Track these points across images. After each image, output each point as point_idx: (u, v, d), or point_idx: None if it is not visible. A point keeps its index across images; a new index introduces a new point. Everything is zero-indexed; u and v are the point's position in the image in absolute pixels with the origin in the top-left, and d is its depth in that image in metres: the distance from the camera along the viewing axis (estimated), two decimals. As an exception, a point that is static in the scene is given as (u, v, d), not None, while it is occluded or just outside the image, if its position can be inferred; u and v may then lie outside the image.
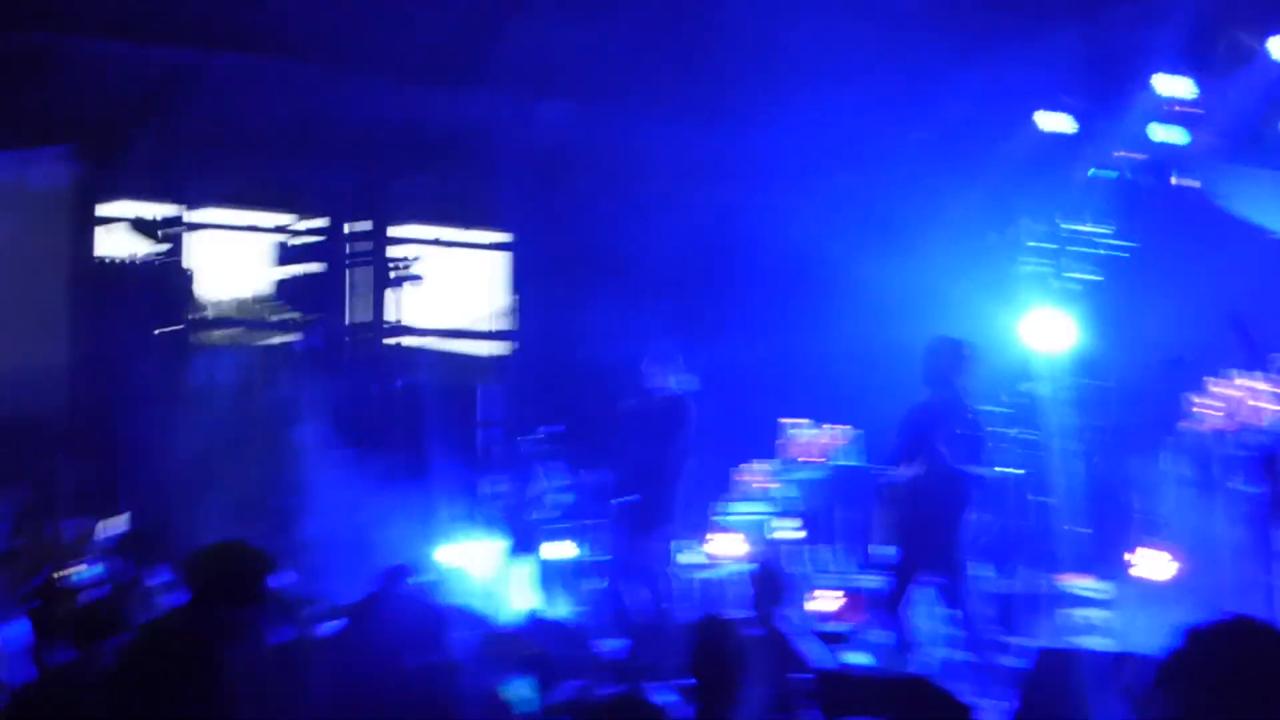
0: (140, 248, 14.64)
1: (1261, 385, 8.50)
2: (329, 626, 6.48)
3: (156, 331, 14.66)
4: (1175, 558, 10.49)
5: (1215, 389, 10.46)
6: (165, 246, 14.68)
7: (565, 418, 12.65)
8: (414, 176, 15.72)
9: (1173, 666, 2.16)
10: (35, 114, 14.07)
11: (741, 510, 12.73)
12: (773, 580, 7.78)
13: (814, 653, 7.63)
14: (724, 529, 12.46)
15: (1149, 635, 10.06)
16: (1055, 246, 12.69)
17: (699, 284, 15.03)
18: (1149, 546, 10.59)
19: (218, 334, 16.31)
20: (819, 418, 13.88)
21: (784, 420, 14.09)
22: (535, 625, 5.81)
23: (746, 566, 8.15)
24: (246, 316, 16.15)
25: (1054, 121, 13.65)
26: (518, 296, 16.65)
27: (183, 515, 12.49)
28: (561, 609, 11.23)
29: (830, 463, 13.44)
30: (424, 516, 12.78)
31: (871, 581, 12.01)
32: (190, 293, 15.06)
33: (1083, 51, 13.59)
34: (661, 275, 15.01)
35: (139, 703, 3.29)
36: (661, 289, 14.93)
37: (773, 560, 7.91)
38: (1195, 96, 12.69)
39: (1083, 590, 10.47)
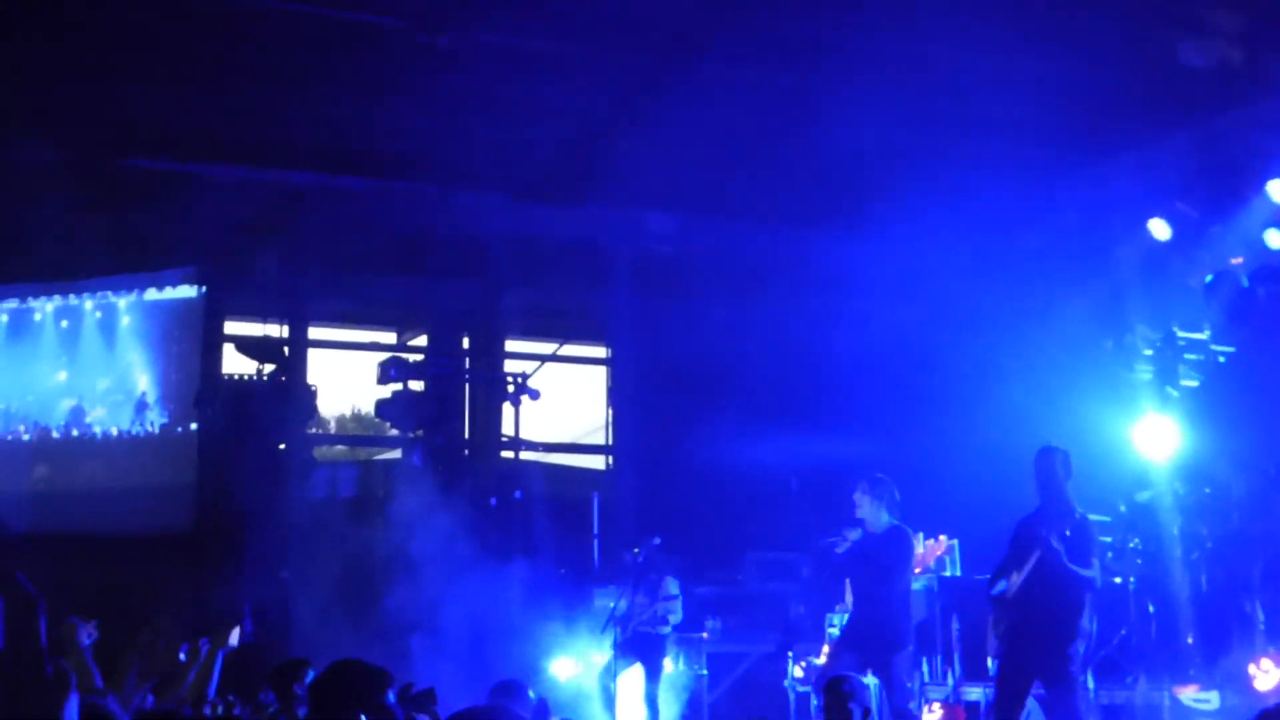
0: (263, 365, 14.99)
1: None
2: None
3: (279, 446, 14.93)
4: (1288, 668, 10.23)
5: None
6: (284, 363, 15.02)
7: (667, 530, 12.69)
8: (524, 291, 15.96)
9: None
10: (164, 236, 14.53)
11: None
12: (847, 701, 7.66)
13: None
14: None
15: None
16: (1169, 353, 12.56)
17: (805, 395, 15.03)
18: (1271, 658, 10.35)
19: (338, 449, 16.63)
20: (926, 529, 13.81)
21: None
22: None
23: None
24: (365, 432, 16.44)
25: (1166, 229, 13.57)
26: (613, 410, 16.79)
27: (300, 631, 12.69)
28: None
29: (935, 573, 13.35)
30: (540, 628, 12.85)
31: (973, 693, 11.88)
32: (311, 408, 15.35)
33: (1196, 158, 13.53)
34: (768, 388, 15.06)
35: None
36: (768, 401, 14.97)
37: (849, 680, 7.83)
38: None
39: (1196, 702, 10.25)
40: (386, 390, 15.05)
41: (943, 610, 12.95)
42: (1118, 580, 11.50)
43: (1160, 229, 13.59)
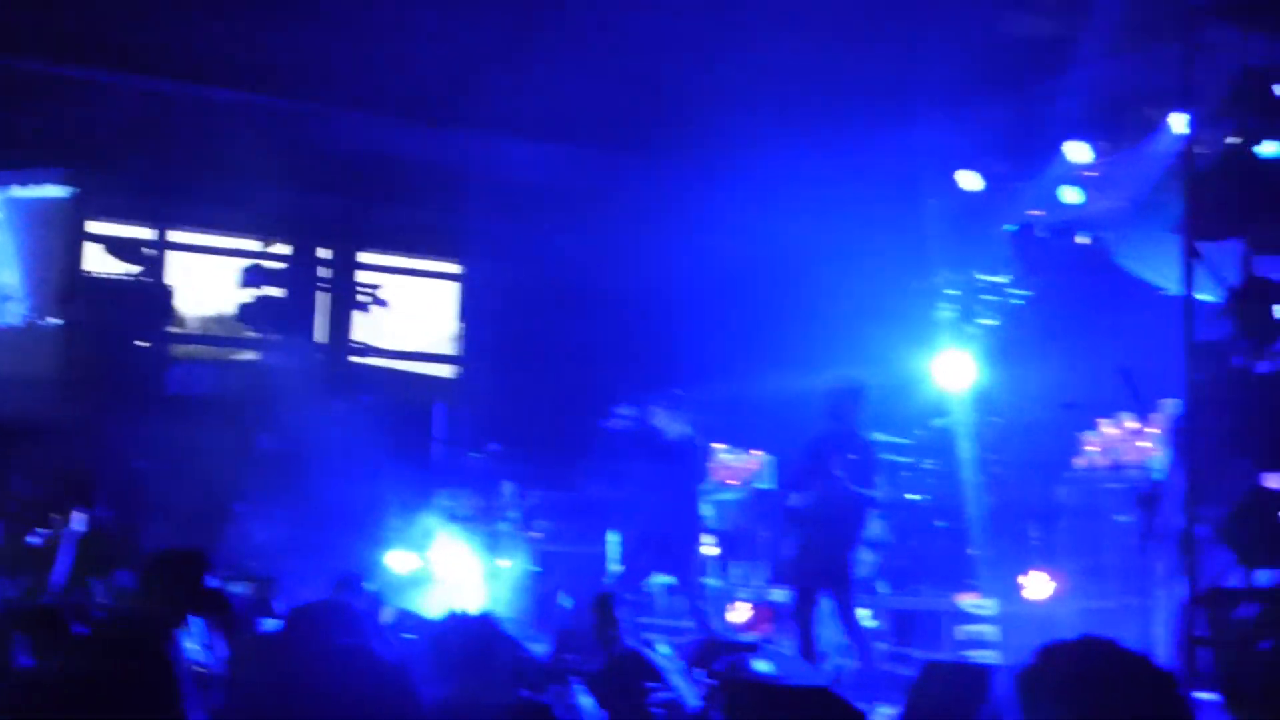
0: (128, 265, 14.61)
1: (1145, 429, 8.68)
2: (269, 626, 6.49)
3: (140, 343, 14.60)
4: (1057, 580, 10.65)
5: (1104, 430, 10.65)
6: (146, 265, 14.67)
7: (508, 438, 12.73)
8: (384, 207, 15.75)
9: (1027, 680, 2.22)
10: (32, 136, 14.06)
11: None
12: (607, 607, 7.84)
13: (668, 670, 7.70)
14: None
15: (1029, 651, 10.23)
16: (970, 295, 12.86)
17: (644, 320, 15.12)
18: (1039, 570, 10.75)
19: (194, 349, 16.29)
20: (745, 445, 14.06)
21: (714, 445, 14.24)
22: (473, 626, 5.82)
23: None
24: (221, 333, 16.14)
25: (975, 180, 13.85)
26: (463, 323, 16.74)
27: (149, 519, 12.48)
28: (505, 613, 11.27)
29: (748, 486, 13.63)
30: (381, 524, 12.79)
31: (780, 595, 12.20)
32: (172, 308, 15.03)
33: (1006, 118, 13.79)
34: (609, 311, 15.11)
35: (88, 706, 3.25)
36: (609, 324, 15.02)
37: (610, 600, 8.02)
38: (1100, 163, 12.91)
39: (975, 608, 10.62)
40: (248, 294, 14.79)
41: (754, 520, 13.24)
42: (911, 498, 11.84)
43: (969, 180, 13.87)
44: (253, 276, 14.88)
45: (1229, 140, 7.39)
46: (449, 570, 11.22)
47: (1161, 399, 9.08)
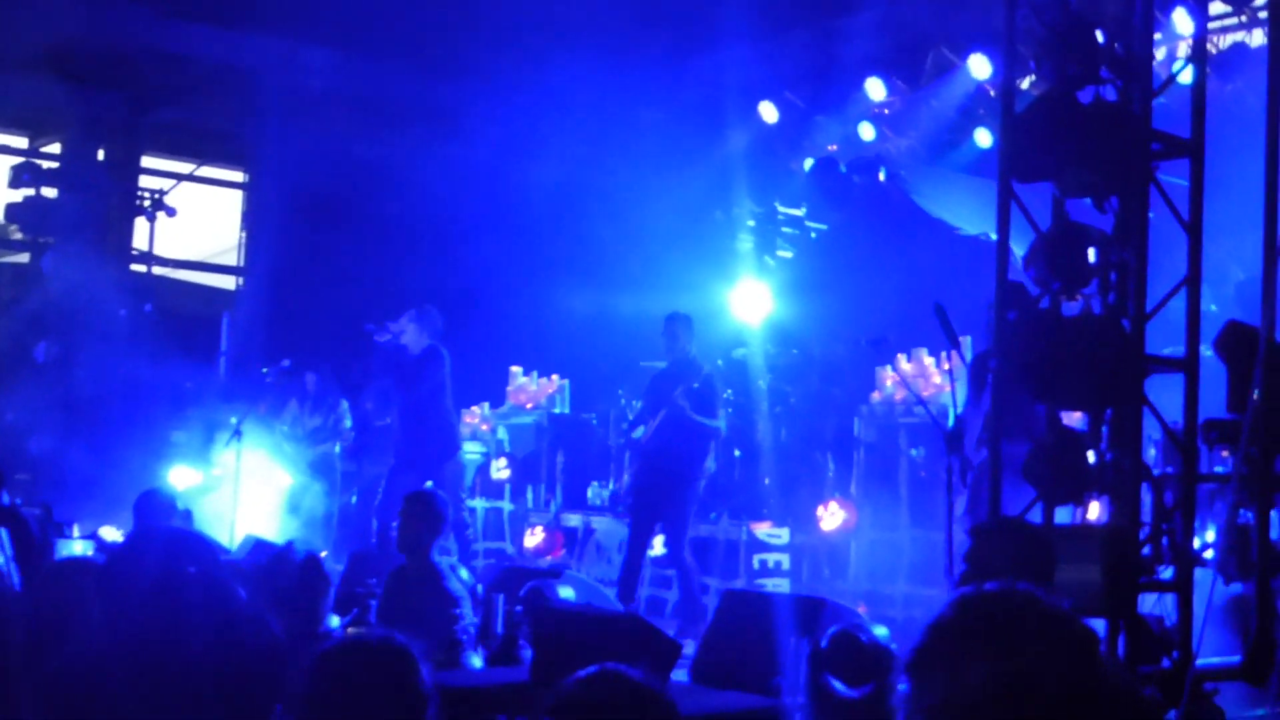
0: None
1: (945, 366, 8.83)
2: (75, 551, 6.10)
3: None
4: (851, 513, 10.86)
5: (904, 366, 10.84)
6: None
7: (297, 354, 12.36)
8: (167, 109, 15.03)
9: (941, 631, 2.11)
10: None
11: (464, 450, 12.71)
12: (430, 510, 7.54)
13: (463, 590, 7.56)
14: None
15: (824, 580, 10.45)
16: (769, 226, 12.92)
17: (434, 235, 14.82)
18: (836, 502, 10.93)
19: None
20: (542, 369, 13.94)
21: (512, 368, 14.09)
22: (267, 552, 5.60)
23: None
24: (-8, 235, 15.28)
25: (775, 113, 13.90)
26: (247, 233, 16.19)
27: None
28: (296, 535, 10.96)
29: (544, 410, 13.56)
30: (164, 439, 12.32)
31: (572, 520, 12.19)
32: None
33: (806, 54, 13.84)
34: (399, 224, 14.75)
35: None
36: (399, 237, 14.68)
37: (430, 493, 7.74)
38: (897, 102, 13.08)
39: (770, 536, 10.75)
40: (17, 194, 13.98)
41: (550, 444, 13.17)
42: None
43: (770, 112, 13.91)
44: (24, 175, 14.07)
45: (1041, 83, 7.46)
46: (236, 488, 10.82)
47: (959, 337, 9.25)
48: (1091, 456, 6.81)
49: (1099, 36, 6.92)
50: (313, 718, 2.94)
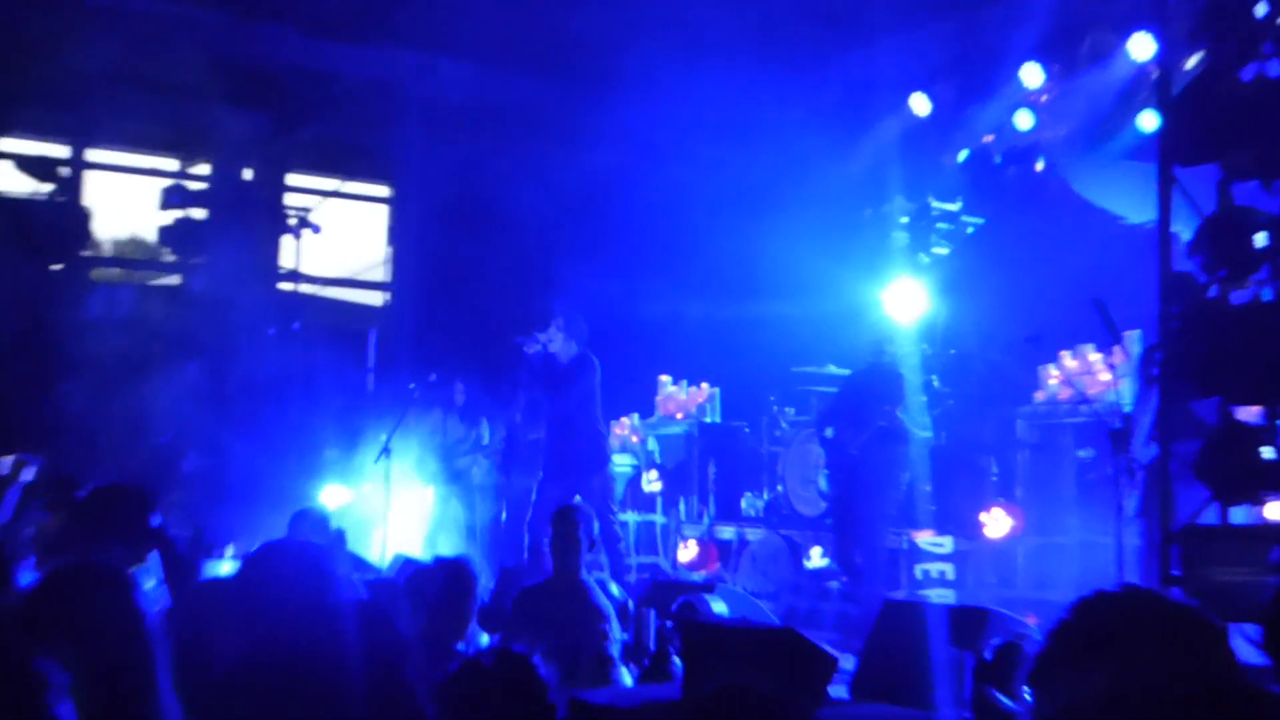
0: (41, 184, 14.17)
1: (1114, 361, 8.64)
2: (222, 571, 6.26)
3: (55, 267, 14.21)
4: (1017, 519, 10.66)
5: (1068, 363, 10.63)
6: (61, 184, 14.25)
7: (444, 366, 12.56)
8: (311, 126, 15.39)
9: (1064, 637, 2.07)
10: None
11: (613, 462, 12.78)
12: (576, 529, 7.55)
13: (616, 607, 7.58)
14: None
15: (990, 588, 10.29)
16: (923, 222, 12.77)
17: (579, 244, 14.92)
18: (1000, 507, 10.74)
19: (115, 272, 15.91)
20: (690, 377, 13.96)
21: (661, 377, 14.13)
22: (453, 569, 5.67)
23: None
24: (144, 257, 15.76)
25: (927, 105, 13.76)
26: (394, 248, 16.50)
27: (73, 453, 12.17)
28: (449, 551, 11.13)
29: (696, 419, 13.56)
30: (314, 457, 12.59)
31: (726, 532, 12.18)
32: (88, 230, 14.62)
33: (957, 42, 13.67)
34: (543, 234, 14.89)
35: (52, 648, 3.03)
36: (543, 247, 14.82)
37: (578, 509, 7.77)
38: (1054, 88, 12.84)
39: (931, 546, 10.61)
40: (169, 216, 14.43)
41: (701, 454, 13.17)
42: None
43: (920, 104, 13.77)
44: (174, 197, 14.51)
45: (1204, 62, 7.28)
46: (387, 507, 11.03)
47: (1124, 331, 9.05)
48: (1268, 452, 6.62)
49: (1260, 10, 6.74)
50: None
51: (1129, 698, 1.93)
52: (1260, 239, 6.76)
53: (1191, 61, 9.61)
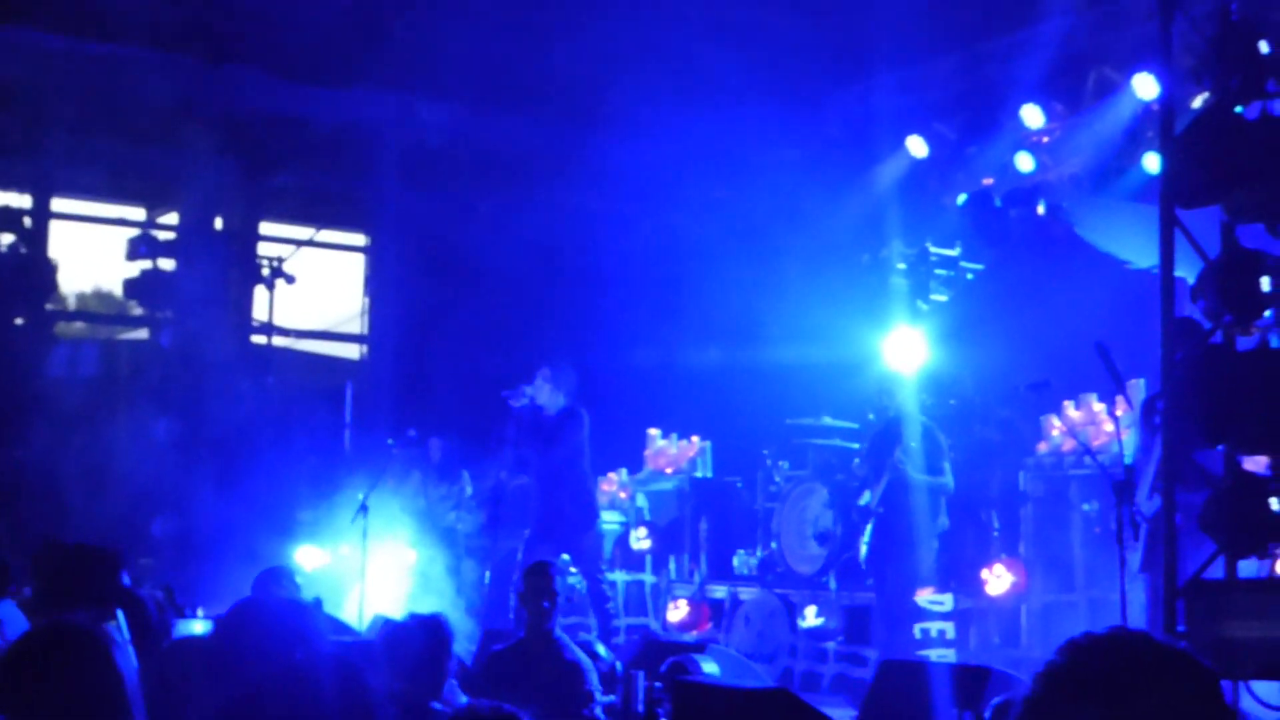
0: (2, 236, 14.29)
1: (1117, 411, 8.74)
2: (194, 630, 6.31)
3: (17, 321, 14.29)
4: (1020, 575, 10.74)
5: (1071, 413, 10.73)
6: (25, 235, 14.36)
7: (423, 422, 12.64)
8: (283, 173, 15.51)
9: (1052, 680, 2.15)
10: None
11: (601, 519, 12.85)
12: (549, 583, 7.62)
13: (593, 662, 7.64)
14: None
15: (993, 648, 10.36)
16: (922, 268, 12.90)
17: (564, 292, 15.04)
18: (1003, 564, 10.82)
19: (80, 326, 16.00)
20: (680, 430, 14.04)
21: (650, 431, 14.20)
22: (430, 626, 5.74)
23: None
24: (110, 310, 15.85)
25: (924, 146, 13.90)
26: (370, 299, 16.59)
27: (38, 510, 12.23)
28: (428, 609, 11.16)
29: (687, 474, 13.64)
30: (288, 516, 12.63)
31: (718, 591, 12.24)
32: (53, 283, 14.71)
33: (956, 80, 13.83)
34: (527, 282, 15.01)
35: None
36: (526, 296, 14.93)
37: (549, 564, 7.86)
38: (1056, 128, 12.99)
39: (932, 604, 10.68)
40: (135, 268, 14.53)
41: (693, 510, 13.25)
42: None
43: (918, 146, 13.91)
44: (141, 247, 14.60)
45: (1208, 100, 7.42)
46: (363, 565, 11.08)
47: (1128, 379, 9.17)
48: (1277, 503, 6.71)
49: (1263, 47, 6.89)
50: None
51: None
52: (1266, 283, 6.87)
53: (1198, 101, 9.79)
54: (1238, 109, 7.01)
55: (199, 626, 6.23)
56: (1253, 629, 6.40)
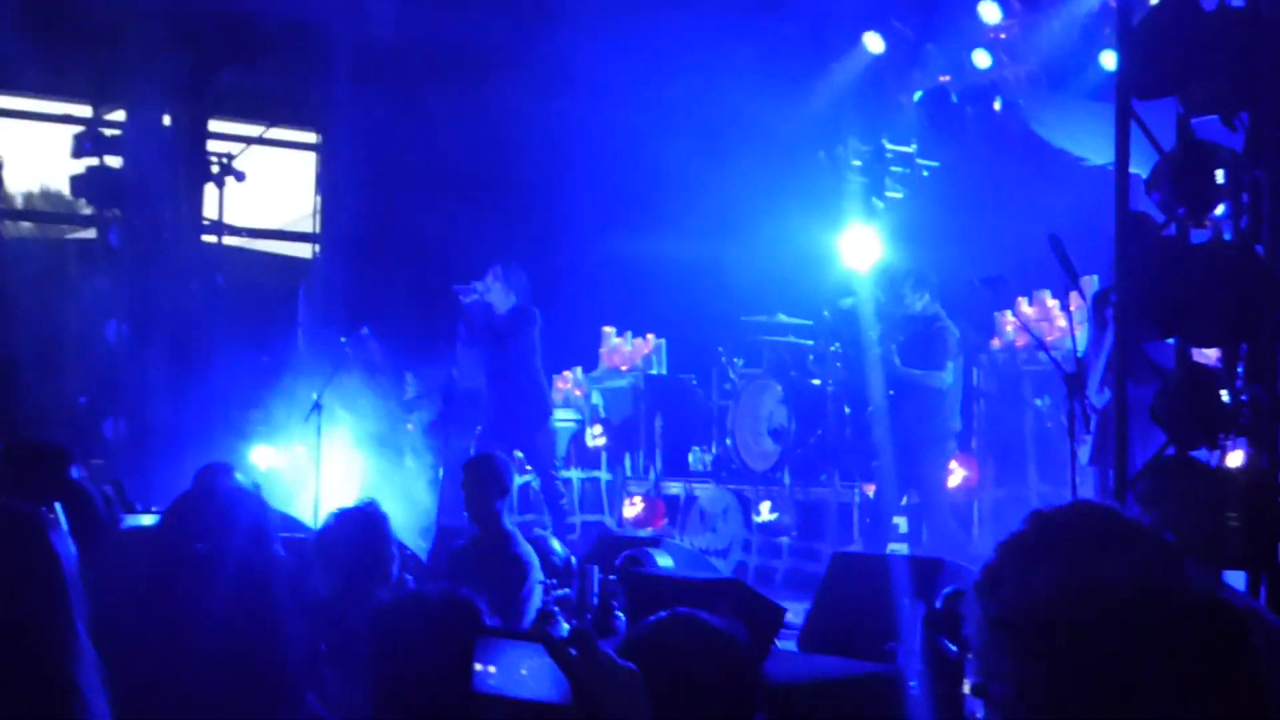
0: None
1: (1071, 306, 8.77)
2: (142, 523, 6.29)
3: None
4: (973, 470, 10.82)
5: (1025, 309, 10.76)
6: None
7: (377, 320, 12.58)
8: (232, 70, 15.27)
9: (1015, 548, 2.13)
10: None
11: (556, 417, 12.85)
12: (492, 474, 7.58)
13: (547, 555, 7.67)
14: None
15: (951, 541, 10.43)
16: (878, 165, 12.86)
17: (518, 190, 14.94)
18: (955, 459, 10.89)
19: (25, 226, 15.78)
20: (635, 328, 14.03)
21: (605, 329, 14.18)
22: (359, 518, 5.73)
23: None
24: (56, 209, 15.63)
25: (881, 43, 13.82)
26: (322, 197, 16.44)
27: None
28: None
29: (641, 371, 13.65)
30: (241, 416, 12.58)
31: (673, 487, 12.30)
32: (-3, 182, 14.51)
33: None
34: (481, 180, 14.89)
35: None
36: (481, 195, 14.81)
37: (493, 456, 7.84)
38: (1014, 25, 12.93)
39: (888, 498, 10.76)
40: (81, 165, 14.31)
41: (648, 408, 13.28)
42: (816, 383, 11.91)
43: (875, 43, 13.83)
44: (87, 145, 14.39)
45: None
46: (318, 464, 11.06)
47: (1083, 275, 9.18)
48: (1227, 395, 6.74)
49: (1221, -64, 6.82)
50: (373, 672, 3.05)
51: (1075, 598, 1.99)
52: (1220, 176, 6.85)
53: (1157, -2, 9.74)
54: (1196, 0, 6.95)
55: (148, 520, 6.21)
56: (1203, 520, 6.44)
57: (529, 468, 11.22)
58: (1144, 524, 2.16)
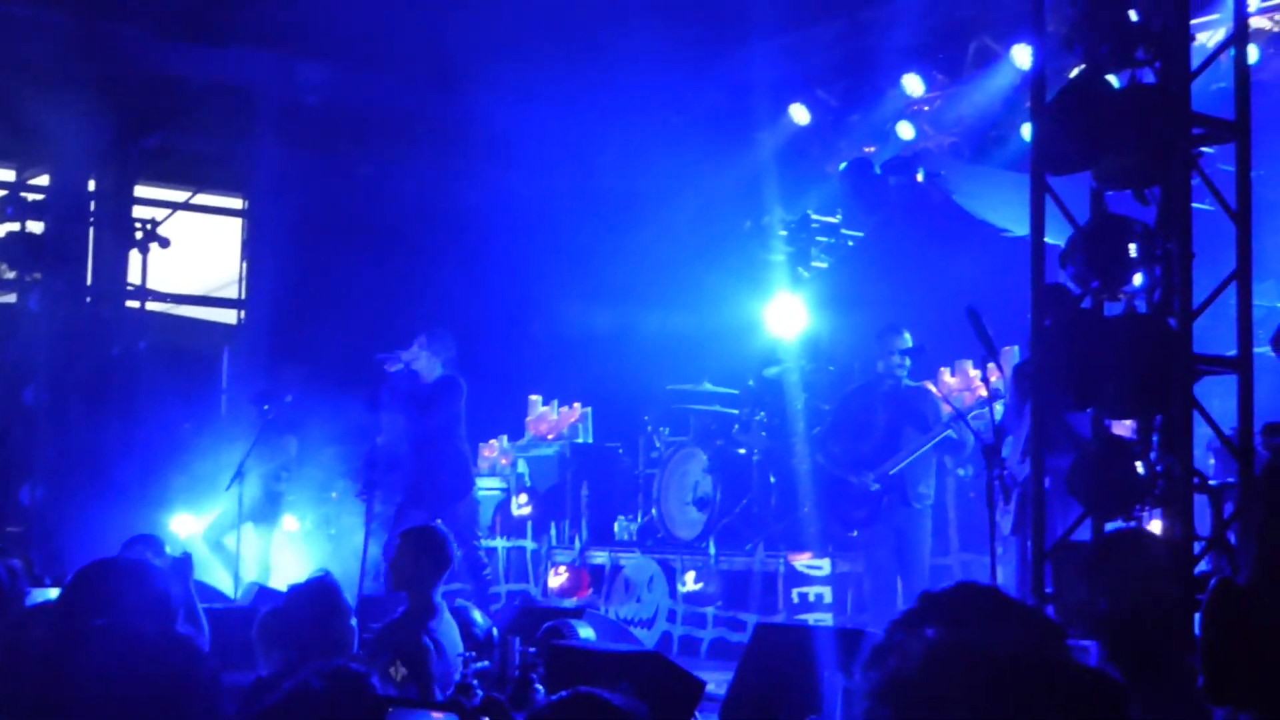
0: None
1: (990, 377, 8.85)
2: (48, 596, 6.19)
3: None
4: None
5: (947, 380, 10.87)
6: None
7: (299, 387, 12.50)
8: (158, 134, 15.21)
9: (902, 625, 2.16)
10: None
11: (481, 486, 12.81)
12: (433, 551, 7.55)
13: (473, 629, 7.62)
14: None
15: (870, 611, 10.47)
16: (803, 235, 12.97)
17: (445, 257, 14.94)
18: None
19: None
20: (561, 397, 14.04)
21: (531, 397, 14.18)
22: (318, 594, 5.65)
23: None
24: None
25: (806, 114, 13.99)
26: (248, 263, 16.37)
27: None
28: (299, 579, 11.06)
29: (568, 440, 13.65)
30: (162, 483, 12.46)
31: (599, 557, 12.27)
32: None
33: (838, 48, 13.91)
34: (407, 246, 14.90)
35: None
36: (407, 261, 14.82)
37: (433, 528, 7.79)
38: (937, 97, 13.13)
39: (809, 568, 10.78)
40: (3, 229, 14.19)
41: (574, 476, 13.26)
42: (742, 452, 11.94)
43: (800, 114, 14.00)
44: (9, 209, 14.27)
45: (1078, 68, 7.50)
46: (238, 533, 10.96)
47: (1002, 346, 9.30)
48: (1142, 467, 6.82)
49: (1132, 15, 6.96)
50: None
51: (950, 659, 2.01)
52: (1133, 249, 6.96)
53: (1075, 72, 9.92)
54: (1109, 76, 7.09)
55: (55, 593, 6.13)
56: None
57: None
58: (1032, 607, 2.21)
